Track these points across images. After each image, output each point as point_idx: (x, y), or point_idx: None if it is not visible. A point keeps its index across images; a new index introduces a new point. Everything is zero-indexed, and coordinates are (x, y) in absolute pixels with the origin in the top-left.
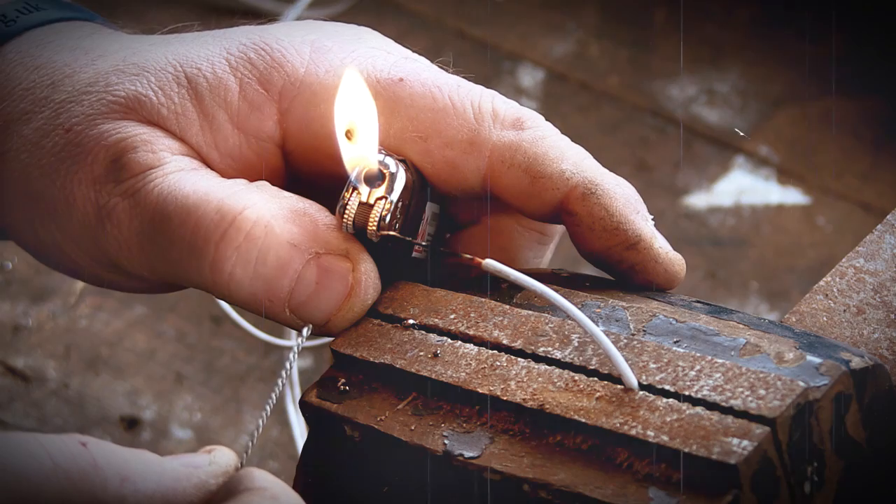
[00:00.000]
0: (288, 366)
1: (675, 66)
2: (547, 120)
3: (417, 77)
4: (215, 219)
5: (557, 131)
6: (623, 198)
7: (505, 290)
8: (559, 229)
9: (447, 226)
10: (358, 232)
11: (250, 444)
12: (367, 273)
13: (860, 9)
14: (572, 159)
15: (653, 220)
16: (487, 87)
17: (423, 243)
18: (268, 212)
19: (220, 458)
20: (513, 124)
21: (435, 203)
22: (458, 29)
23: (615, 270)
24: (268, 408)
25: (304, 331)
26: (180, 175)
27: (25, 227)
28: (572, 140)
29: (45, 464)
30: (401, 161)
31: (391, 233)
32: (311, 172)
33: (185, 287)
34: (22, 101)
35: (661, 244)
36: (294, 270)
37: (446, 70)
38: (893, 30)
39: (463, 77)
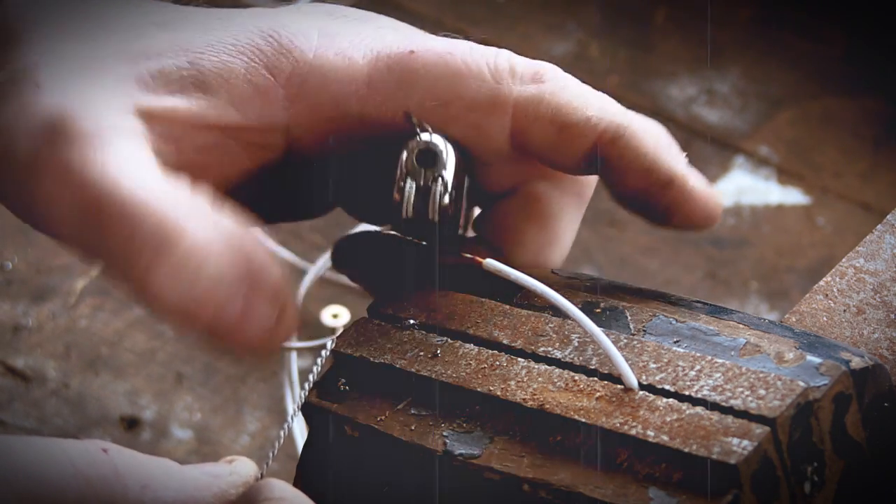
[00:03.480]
0: (315, 369)
1: (675, 67)
2: None
3: (428, 46)
4: (152, 233)
5: (578, 81)
6: (653, 137)
7: (505, 290)
8: (591, 193)
9: (478, 200)
10: (417, 216)
11: (271, 454)
12: (291, 314)
13: (860, 8)
14: (596, 105)
15: (686, 157)
16: None
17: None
18: (204, 240)
19: (240, 468)
20: (532, 78)
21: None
22: (459, 29)
23: (653, 213)
24: (290, 419)
25: (329, 343)
26: (120, 161)
27: None
28: None
29: (67, 469)
30: (444, 137)
31: (448, 211)
32: (314, 154)
33: None
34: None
35: (695, 181)
36: (220, 303)
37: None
38: (893, 30)
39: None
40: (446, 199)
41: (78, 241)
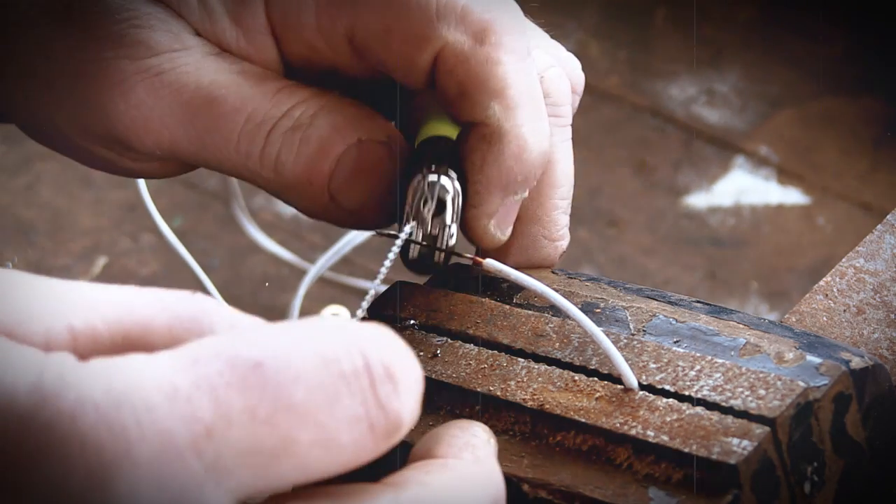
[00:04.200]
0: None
1: (675, 66)
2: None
3: None
4: (270, 110)
5: (524, 59)
6: (522, 168)
7: (505, 290)
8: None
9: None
10: (423, 258)
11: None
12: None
13: (860, 9)
14: (510, 102)
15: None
16: None
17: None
18: (315, 103)
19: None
20: (476, 34)
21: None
22: None
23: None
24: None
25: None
26: (218, 61)
27: (20, 103)
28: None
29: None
30: (444, 172)
31: (454, 251)
32: (305, 66)
33: (203, 166)
34: None
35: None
36: (336, 153)
37: None
38: (893, 30)
39: None
40: (452, 241)
41: (178, 143)
